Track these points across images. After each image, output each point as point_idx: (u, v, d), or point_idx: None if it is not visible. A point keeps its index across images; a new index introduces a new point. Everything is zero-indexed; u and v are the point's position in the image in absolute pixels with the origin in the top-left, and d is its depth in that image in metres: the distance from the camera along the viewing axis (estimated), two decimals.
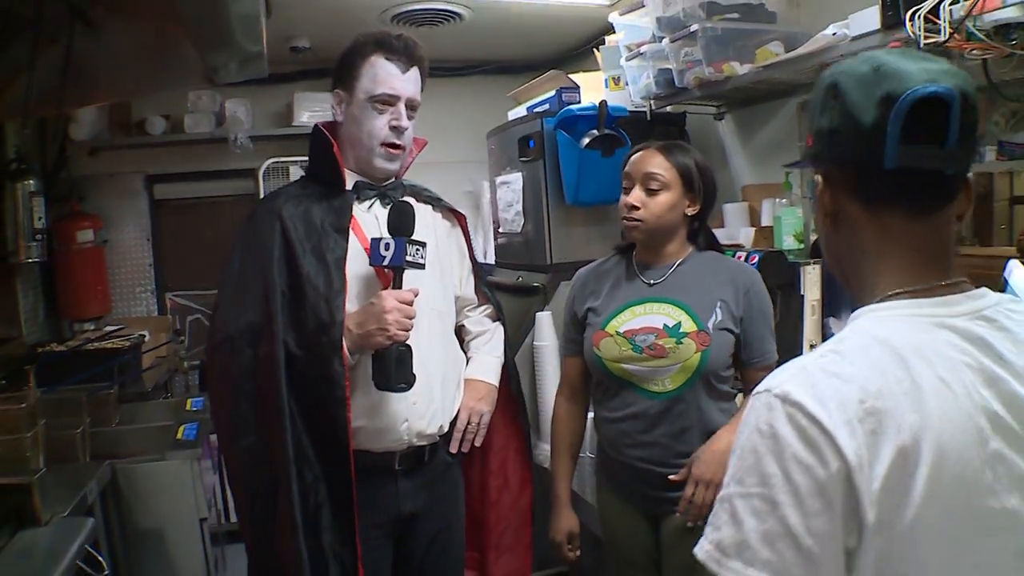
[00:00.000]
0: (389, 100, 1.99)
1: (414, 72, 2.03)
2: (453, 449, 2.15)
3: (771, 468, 0.86)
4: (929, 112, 0.91)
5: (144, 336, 3.89)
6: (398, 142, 2.02)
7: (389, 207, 2.02)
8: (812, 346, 2.65)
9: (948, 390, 0.88)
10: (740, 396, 2.20)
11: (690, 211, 2.06)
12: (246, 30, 2.69)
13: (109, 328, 4.02)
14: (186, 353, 4.49)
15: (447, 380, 2.11)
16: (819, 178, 1.04)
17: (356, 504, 1.87)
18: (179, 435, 2.88)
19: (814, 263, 2.61)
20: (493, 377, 2.25)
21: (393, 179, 2.12)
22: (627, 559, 2.16)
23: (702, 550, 0.92)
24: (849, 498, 0.84)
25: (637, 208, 2.03)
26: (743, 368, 2.09)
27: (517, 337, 3.14)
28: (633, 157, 2.09)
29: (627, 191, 2.06)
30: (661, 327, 2.00)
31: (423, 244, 1.96)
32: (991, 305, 0.97)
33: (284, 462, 1.83)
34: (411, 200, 2.11)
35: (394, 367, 1.88)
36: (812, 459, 0.85)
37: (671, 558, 2.05)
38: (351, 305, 1.93)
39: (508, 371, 2.30)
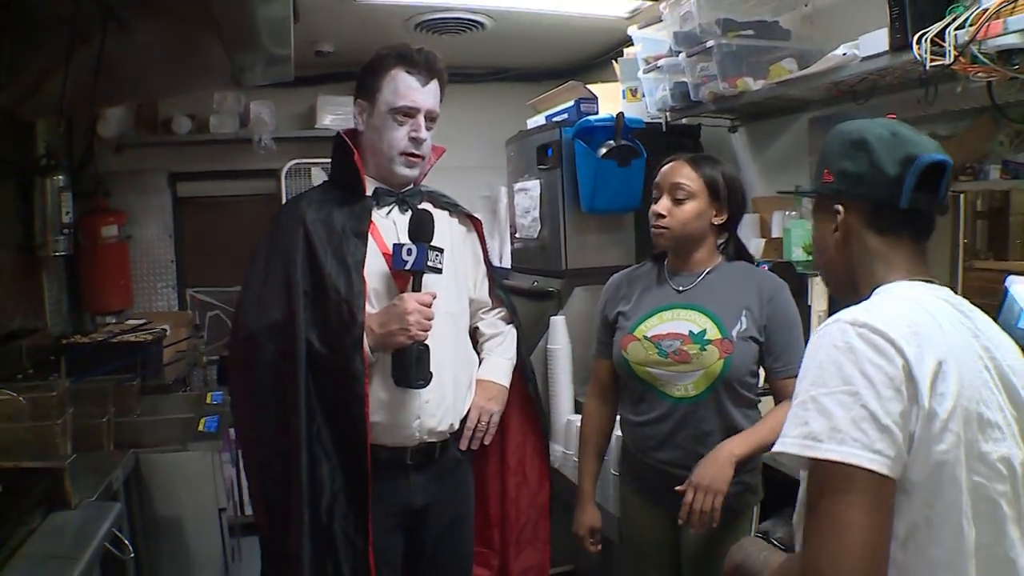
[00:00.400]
0: (409, 112, 2.08)
1: (434, 85, 2.12)
2: (463, 447, 2.22)
3: (850, 370, 1.09)
4: (933, 172, 1.26)
5: (166, 331, 3.98)
6: (417, 152, 2.11)
7: (410, 214, 2.11)
8: None
9: (956, 332, 1.17)
10: (764, 401, 2.23)
11: (717, 220, 2.13)
12: (273, 33, 2.77)
13: (132, 322, 4.11)
14: (205, 348, 4.53)
15: (459, 380, 2.19)
16: (840, 207, 1.32)
17: (371, 494, 1.96)
18: (200, 427, 2.96)
19: None
20: (504, 378, 2.32)
21: (411, 185, 2.20)
22: (647, 557, 2.24)
23: (788, 444, 1.12)
24: (911, 388, 1.08)
25: (664, 216, 2.11)
26: (770, 377, 2.13)
27: (531, 340, 3.19)
28: (664, 168, 2.17)
29: (656, 200, 2.15)
30: (687, 333, 2.06)
31: (441, 250, 2.06)
32: (954, 296, 1.29)
33: (298, 452, 1.92)
34: (428, 206, 2.19)
35: (414, 365, 1.99)
36: (881, 360, 1.09)
37: (694, 560, 2.11)
38: (369, 306, 2.03)
39: (524, 372, 2.37)
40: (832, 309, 2.68)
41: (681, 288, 2.15)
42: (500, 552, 2.39)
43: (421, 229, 2.06)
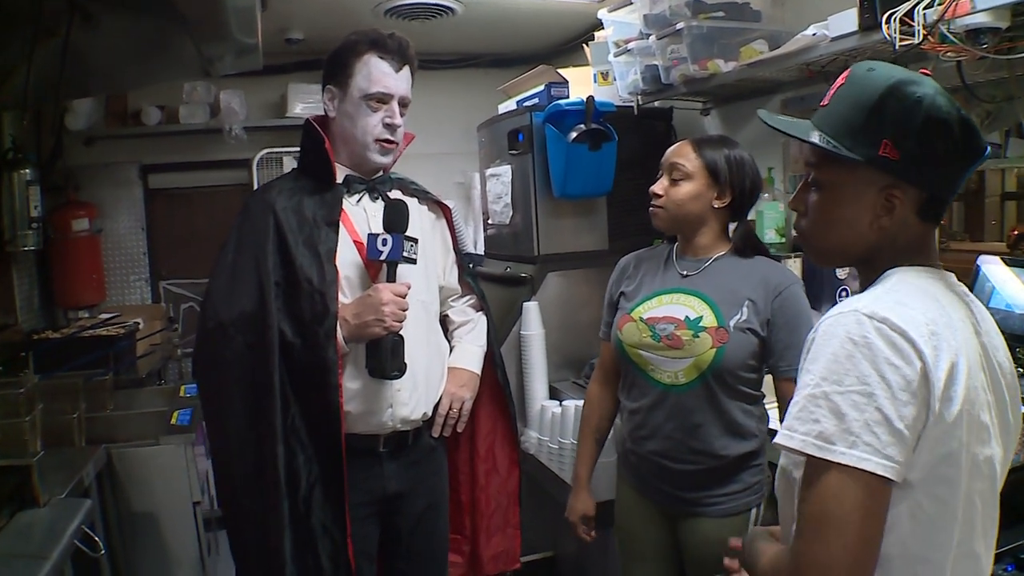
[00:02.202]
0: (383, 98, 2.06)
1: (406, 71, 2.10)
2: (435, 434, 2.22)
3: (866, 368, 1.04)
4: None
5: (138, 324, 3.95)
6: (392, 138, 2.09)
7: (385, 204, 2.09)
8: None
9: (964, 327, 1.14)
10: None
11: (717, 204, 2.07)
12: (241, 23, 2.73)
13: (104, 316, 4.07)
14: (179, 341, 4.52)
15: (431, 368, 2.18)
16: (898, 194, 1.16)
17: (347, 484, 1.95)
18: (173, 420, 2.94)
19: (795, 256, 2.68)
20: (475, 365, 2.31)
21: (381, 172, 2.18)
22: (638, 553, 2.21)
23: (797, 441, 1.08)
24: (925, 392, 1.05)
25: (660, 196, 2.09)
26: (774, 376, 2.05)
27: (504, 327, 3.19)
28: (670, 148, 2.15)
29: (657, 180, 2.12)
30: (682, 318, 2.02)
31: (415, 240, 2.04)
32: (958, 284, 1.24)
33: (274, 444, 1.90)
34: (398, 193, 2.18)
35: (389, 356, 1.97)
36: (900, 360, 1.04)
37: (696, 560, 2.08)
38: (342, 296, 2.01)
39: (494, 360, 2.36)
40: (808, 292, 2.68)
41: (686, 272, 2.10)
42: (471, 538, 2.39)
43: (396, 219, 2.04)
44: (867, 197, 1.18)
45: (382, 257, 2.00)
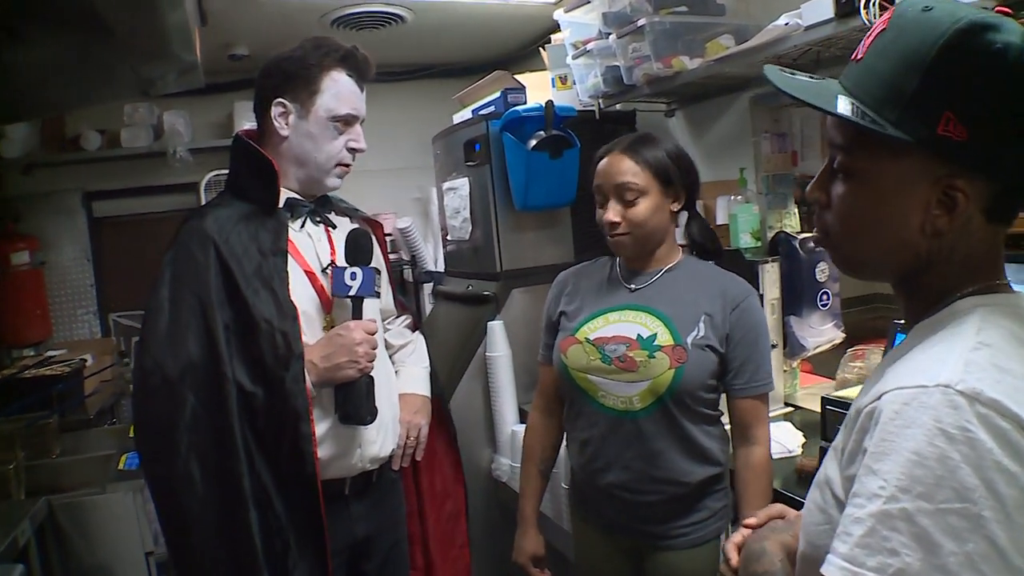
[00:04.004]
0: (350, 120, 1.89)
1: (364, 91, 1.94)
2: (396, 466, 2.08)
3: (969, 479, 0.74)
4: None
5: (86, 360, 3.76)
6: (351, 162, 1.94)
7: (348, 235, 1.91)
8: (773, 346, 2.59)
9: None
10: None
11: (675, 207, 1.90)
12: (179, 39, 2.59)
13: (51, 353, 3.88)
14: (131, 376, 4.32)
15: (391, 400, 2.03)
16: (961, 184, 0.85)
17: (328, 541, 1.77)
18: (121, 464, 2.75)
19: (772, 261, 2.56)
20: (424, 388, 2.20)
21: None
22: None
23: None
24: None
25: (618, 223, 1.86)
26: (729, 395, 1.89)
27: (469, 348, 3.07)
28: (600, 166, 1.91)
29: (602, 206, 1.89)
30: (635, 337, 1.84)
31: (379, 271, 1.90)
32: None
33: (244, 512, 1.69)
34: (332, 215, 2.02)
35: (364, 400, 1.82)
36: (1017, 465, 0.74)
37: None
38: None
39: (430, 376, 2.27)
40: (785, 298, 2.56)
41: (635, 287, 1.92)
42: (425, 570, 2.27)
43: (359, 250, 1.87)
44: (918, 192, 0.87)
45: (351, 292, 1.83)
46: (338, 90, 1.86)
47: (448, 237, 3.53)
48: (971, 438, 0.74)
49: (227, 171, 2.00)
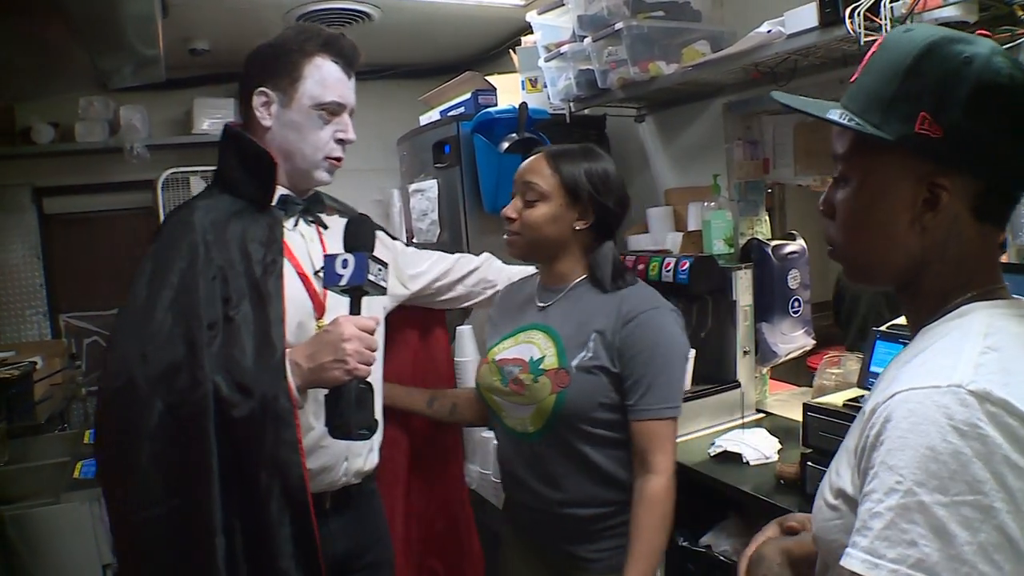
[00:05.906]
0: (336, 109, 1.78)
1: (353, 80, 1.84)
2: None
3: (980, 472, 0.79)
4: None
5: (35, 363, 3.64)
6: (341, 155, 1.82)
7: (348, 220, 1.77)
8: (745, 352, 2.58)
9: None
10: None
11: (579, 225, 1.83)
12: (140, 31, 2.51)
13: None
14: (83, 379, 4.24)
15: (381, 410, 1.91)
16: (945, 183, 0.92)
17: (321, 558, 1.62)
18: (76, 473, 2.65)
19: (745, 267, 2.56)
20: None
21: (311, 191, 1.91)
22: None
23: (884, 570, 0.81)
24: None
25: (513, 220, 1.85)
26: (629, 416, 1.77)
27: None
28: (523, 162, 1.91)
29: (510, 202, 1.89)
30: (527, 360, 1.80)
31: (385, 264, 1.68)
32: None
33: (208, 535, 1.54)
34: (324, 216, 1.92)
35: (353, 409, 1.58)
36: None
37: None
38: (290, 337, 1.68)
39: None
40: (757, 304, 2.55)
41: (543, 304, 1.89)
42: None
43: (361, 235, 1.70)
44: (903, 189, 0.94)
45: (342, 282, 1.60)
46: (322, 76, 1.75)
47: (414, 240, 3.47)
48: (981, 434, 0.80)
49: (184, 169, 1.91)
